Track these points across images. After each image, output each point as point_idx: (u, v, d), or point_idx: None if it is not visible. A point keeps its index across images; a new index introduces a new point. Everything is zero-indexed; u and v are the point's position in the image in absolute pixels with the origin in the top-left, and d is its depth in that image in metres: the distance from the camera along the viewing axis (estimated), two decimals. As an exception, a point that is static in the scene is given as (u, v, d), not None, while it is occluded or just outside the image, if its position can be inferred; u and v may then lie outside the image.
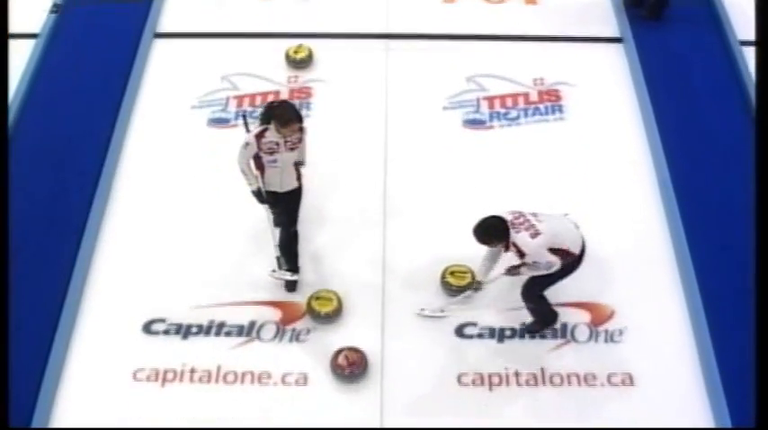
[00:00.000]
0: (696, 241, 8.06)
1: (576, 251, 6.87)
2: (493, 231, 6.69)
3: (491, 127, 9.46)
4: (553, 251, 6.70)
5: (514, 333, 7.54)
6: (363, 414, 7.04)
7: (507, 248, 6.77)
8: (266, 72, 10.04)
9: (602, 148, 9.20)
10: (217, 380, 7.27)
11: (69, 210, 8.33)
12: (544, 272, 6.82)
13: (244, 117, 7.67)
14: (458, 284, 7.69)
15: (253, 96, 9.77)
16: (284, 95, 9.71)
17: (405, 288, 7.87)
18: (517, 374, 7.28)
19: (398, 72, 10.03)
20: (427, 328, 7.58)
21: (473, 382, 7.26)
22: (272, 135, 7.03)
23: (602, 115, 9.57)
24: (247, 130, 7.30)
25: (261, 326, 7.59)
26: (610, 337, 7.55)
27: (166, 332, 7.60)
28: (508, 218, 6.74)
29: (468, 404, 7.13)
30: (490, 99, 9.74)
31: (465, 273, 7.71)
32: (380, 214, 8.48)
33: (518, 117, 9.57)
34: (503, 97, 9.77)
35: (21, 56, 9.74)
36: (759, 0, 7.41)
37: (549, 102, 9.71)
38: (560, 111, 9.61)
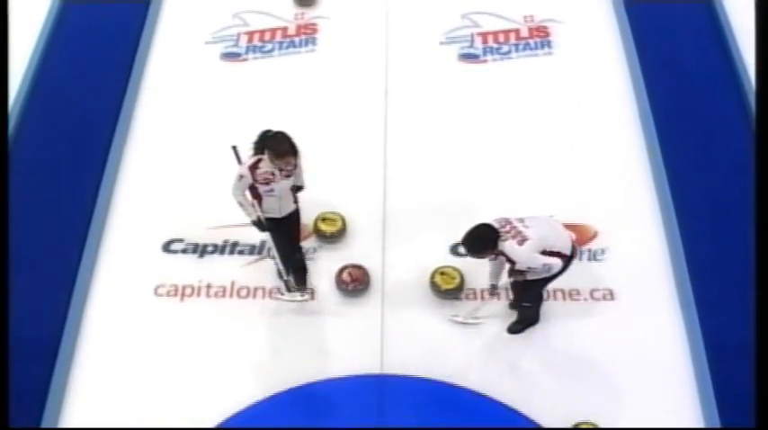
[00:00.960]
0: (673, 164, 8.09)
1: (567, 252, 6.41)
2: (481, 241, 6.23)
3: (485, 61, 9.42)
4: (546, 254, 6.27)
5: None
6: (365, 325, 7.11)
7: (497, 257, 6.42)
8: (274, 9, 9.95)
9: (586, 81, 9.14)
10: (231, 295, 7.34)
11: (93, 139, 8.38)
12: (546, 274, 6.34)
13: (234, 149, 6.64)
14: (446, 287, 7.21)
15: (262, 32, 9.71)
16: (291, 31, 9.69)
17: (404, 210, 7.87)
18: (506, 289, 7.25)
19: (398, 9, 9.93)
20: (423, 245, 7.61)
21: (465, 296, 7.30)
22: (266, 165, 6.39)
23: (587, 50, 9.49)
24: (239, 162, 6.58)
25: (271, 246, 7.49)
26: (593, 256, 7.57)
27: (184, 251, 7.64)
28: (494, 226, 6.27)
29: (459, 312, 7.17)
30: (483, 35, 9.67)
31: (453, 278, 7.24)
32: (382, 142, 8.46)
33: (509, 52, 9.51)
34: (495, 33, 9.70)
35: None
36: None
37: (538, 38, 9.64)
38: (549, 46, 9.54)
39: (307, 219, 7.55)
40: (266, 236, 6.87)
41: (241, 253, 7.61)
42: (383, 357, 6.92)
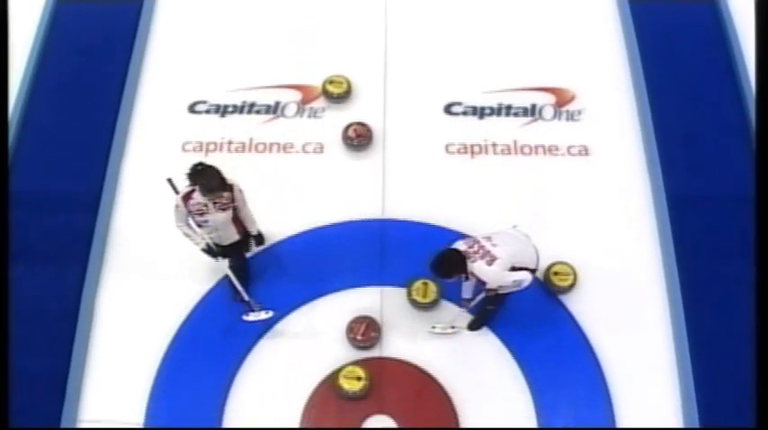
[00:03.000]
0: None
1: (533, 266, 5.80)
2: (449, 266, 5.56)
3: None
4: (516, 269, 5.65)
5: (493, 111, 7.33)
6: (369, 176, 6.98)
7: (467, 278, 5.77)
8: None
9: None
10: (250, 150, 7.17)
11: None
12: (518, 288, 5.71)
13: (170, 181, 5.72)
14: (422, 301, 6.33)
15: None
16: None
17: (404, 74, 7.58)
18: (494, 145, 7.14)
19: None
20: (420, 106, 7.38)
21: (458, 151, 7.14)
22: (198, 197, 5.56)
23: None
24: (176, 192, 5.69)
25: (285, 106, 7.38)
26: (570, 116, 7.34)
27: (207, 111, 7.40)
28: (462, 248, 5.59)
29: (453, 169, 7.04)
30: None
31: (433, 291, 6.38)
32: (383, 9, 8.02)
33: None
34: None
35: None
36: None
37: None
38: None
39: (315, 81, 7.41)
40: (221, 261, 6.01)
41: (258, 112, 7.37)
42: (384, 204, 6.81)
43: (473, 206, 6.79)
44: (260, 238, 6.17)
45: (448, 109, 7.36)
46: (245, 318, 6.21)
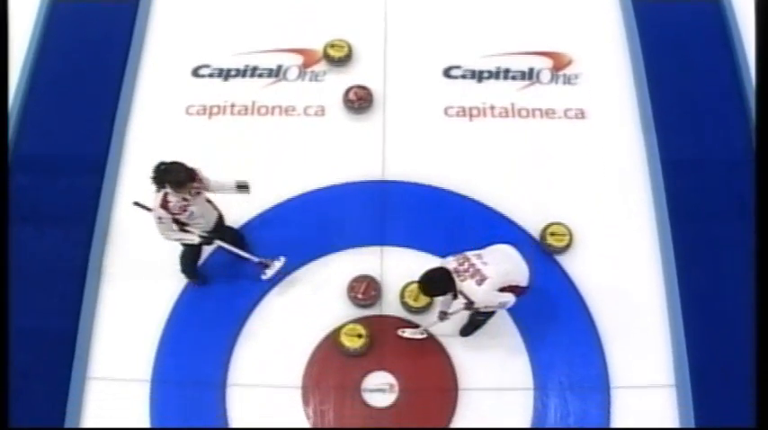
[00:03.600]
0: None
1: (525, 283, 5.40)
2: (438, 285, 5.21)
3: None
4: (504, 289, 5.27)
5: (491, 74, 7.14)
6: (369, 138, 6.82)
7: (456, 297, 5.37)
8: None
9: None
10: (252, 113, 6.99)
11: None
12: (501, 308, 5.42)
13: (138, 204, 5.66)
14: (415, 305, 6.05)
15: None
16: None
17: (404, 37, 7.34)
18: (492, 108, 6.97)
19: None
20: (420, 69, 7.18)
21: (457, 114, 6.97)
22: (174, 197, 5.33)
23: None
24: (150, 210, 5.47)
25: (286, 69, 7.18)
26: (567, 80, 7.15)
27: (211, 75, 7.20)
28: (452, 265, 5.20)
29: (451, 132, 6.87)
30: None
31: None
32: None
33: None
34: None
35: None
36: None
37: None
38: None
39: (316, 45, 7.22)
40: (218, 242, 5.83)
41: (260, 76, 7.17)
42: (385, 166, 6.68)
43: (471, 168, 6.66)
44: (243, 187, 5.77)
45: (447, 72, 7.17)
46: (264, 277, 6.04)
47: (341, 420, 5.76)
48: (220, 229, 5.86)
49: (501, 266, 5.24)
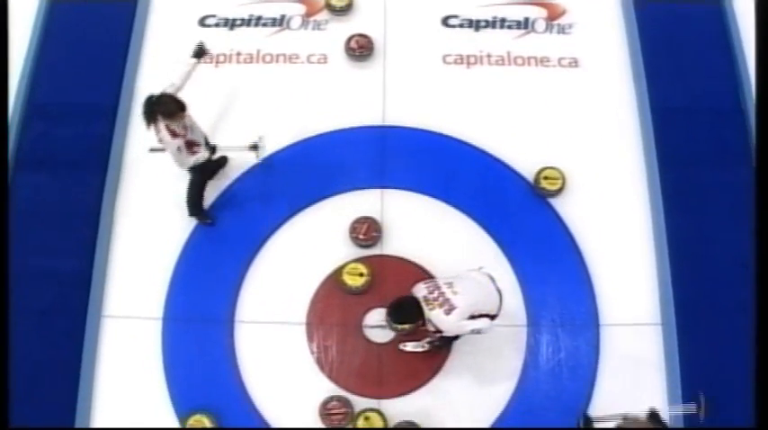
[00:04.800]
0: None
1: (495, 311, 4.99)
2: (406, 314, 4.83)
3: None
4: (474, 317, 4.89)
5: (488, 23, 6.76)
6: (370, 85, 6.48)
7: (424, 324, 4.92)
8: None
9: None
10: (257, 61, 6.64)
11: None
12: (475, 334, 5.01)
13: (154, 150, 5.67)
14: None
15: None
16: None
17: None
18: (489, 56, 6.62)
19: None
20: (419, 18, 6.79)
21: (454, 62, 6.62)
22: (172, 124, 5.19)
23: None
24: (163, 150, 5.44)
25: (290, 18, 6.79)
26: (561, 30, 6.77)
27: (217, 25, 6.82)
28: (422, 293, 4.83)
29: (450, 79, 6.53)
30: None
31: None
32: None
33: None
34: None
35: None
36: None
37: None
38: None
39: None
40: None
41: (264, 25, 6.77)
42: (385, 112, 6.37)
43: (468, 114, 6.36)
44: (201, 52, 5.60)
45: (445, 21, 6.79)
46: (257, 159, 5.94)
47: (343, 355, 5.61)
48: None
49: (471, 296, 4.88)
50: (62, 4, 6.80)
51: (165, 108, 5.19)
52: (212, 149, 5.60)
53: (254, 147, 5.94)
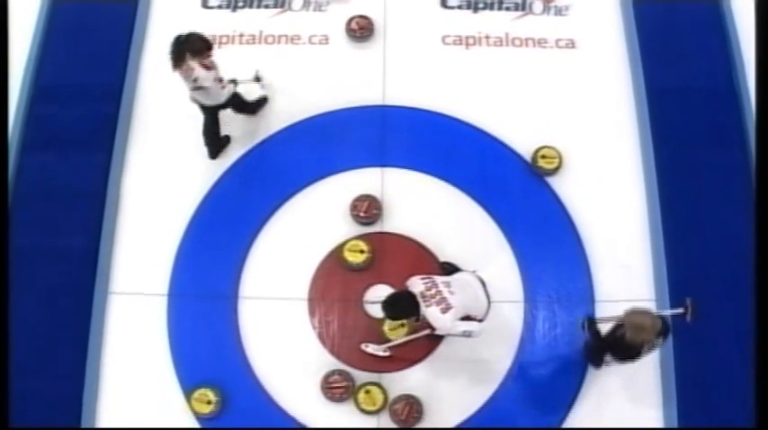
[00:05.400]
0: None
1: (481, 316, 4.85)
2: (402, 308, 4.69)
3: None
4: (467, 318, 4.78)
5: (486, 5, 6.56)
6: (371, 65, 6.29)
7: (418, 320, 4.84)
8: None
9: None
10: (260, 42, 6.46)
11: None
12: (466, 337, 4.82)
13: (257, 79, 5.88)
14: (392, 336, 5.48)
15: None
16: None
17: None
18: (487, 37, 6.43)
19: None
20: (418, 0, 6.59)
21: (453, 43, 6.44)
22: (202, 60, 5.18)
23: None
24: (258, 80, 5.83)
25: (291, 0, 6.62)
26: (558, 11, 6.57)
27: (220, 6, 6.61)
28: (420, 288, 4.65)
29: (448, 60, 6.36)
30: None
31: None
32: None
33: None
34: None
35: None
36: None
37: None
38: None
39: None
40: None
41: (267, 6, 6.58)
42: (385, 92, 6.20)
43: (467, 94, 6.20)
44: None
45: (444, 3, 6.59)
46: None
47: (344, 330, 5.50)
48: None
49: (466, 297, 4.76)
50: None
51: (194, 46, 5.15)
52: (234, 83, 5.60)
53: (257, 80, 5.97)
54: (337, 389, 5.32)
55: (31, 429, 5.20)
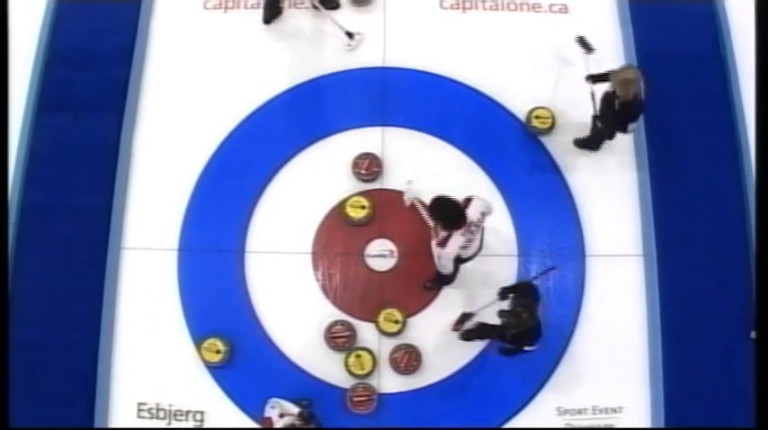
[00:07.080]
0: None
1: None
2: (446, 213, 4.32)
3: None
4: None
5: (487, -8, 6.17)
6: (371, 28, 5.76)
7: (437, 232, 4.47)
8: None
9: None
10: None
11: None
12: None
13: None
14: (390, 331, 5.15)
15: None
16: None
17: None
18: (484, 1, 5.90)
19: None
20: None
21: (451, 6, 5.93)
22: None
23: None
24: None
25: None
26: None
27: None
28: (474, 218, 4.37)
29: (447, 23, 5.86)
30: None
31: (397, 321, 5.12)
32: None
33: None
34: None
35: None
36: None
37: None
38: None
39: None
40: None
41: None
42: (385, 54, 5.74)
43: (464, 56, 5.76)
44: None
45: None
46: (349, 48, 5.61)
47: (346, 282, 5.20)
48: None
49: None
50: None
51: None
52: None
53: (350, 35, 5.66)
54: (340, 338, 5.06)
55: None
